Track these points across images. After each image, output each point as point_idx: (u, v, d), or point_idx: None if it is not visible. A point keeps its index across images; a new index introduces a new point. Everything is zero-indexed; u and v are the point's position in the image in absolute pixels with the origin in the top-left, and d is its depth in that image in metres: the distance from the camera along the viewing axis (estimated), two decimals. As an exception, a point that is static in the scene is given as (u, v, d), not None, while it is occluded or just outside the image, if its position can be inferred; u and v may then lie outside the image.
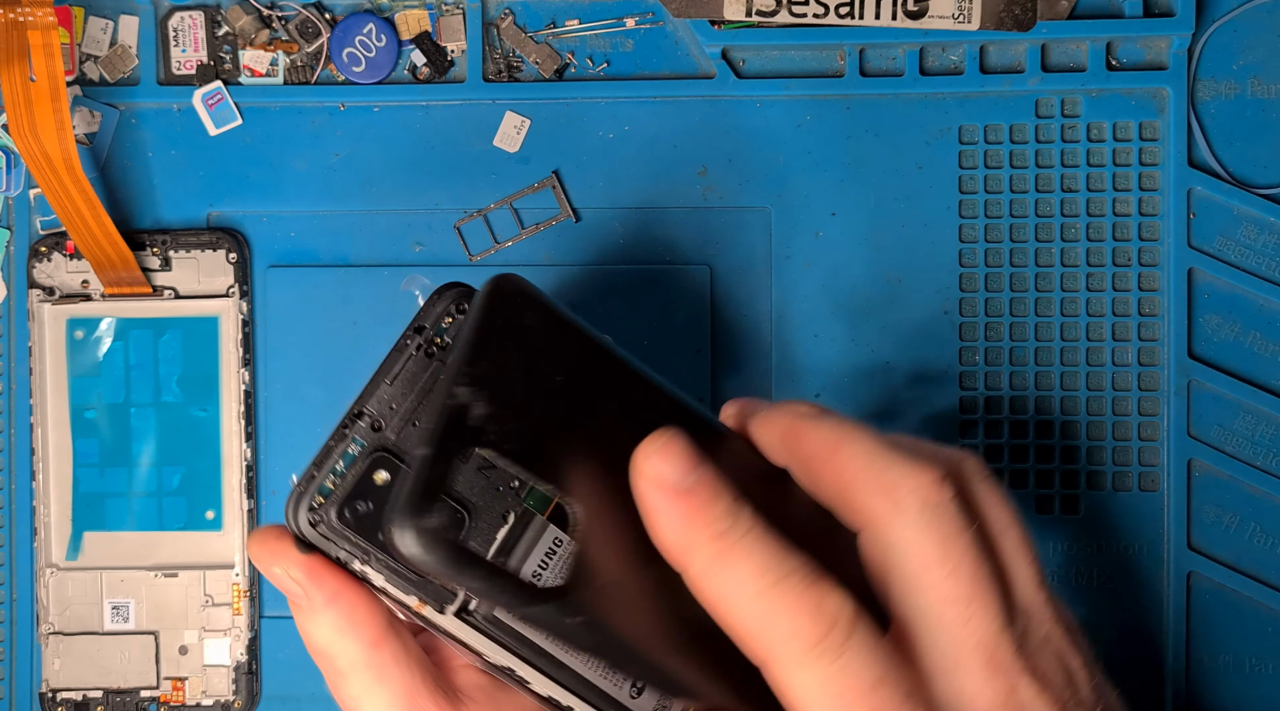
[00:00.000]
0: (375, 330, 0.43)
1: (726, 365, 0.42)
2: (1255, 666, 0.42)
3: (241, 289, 0.43)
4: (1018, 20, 0.41)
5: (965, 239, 0.42)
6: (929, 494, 0.28)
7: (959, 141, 0.42)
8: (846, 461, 0.29)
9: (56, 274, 0.43)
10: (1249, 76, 0.42)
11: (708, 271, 0.42)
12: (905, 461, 0.28)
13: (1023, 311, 0.42)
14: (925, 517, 0.28)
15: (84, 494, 0.43)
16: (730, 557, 0.27)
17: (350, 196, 0.43)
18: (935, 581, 0.28)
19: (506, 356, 0.28)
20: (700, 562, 0.27)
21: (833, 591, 0.27)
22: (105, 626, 0.43)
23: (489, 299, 0.29)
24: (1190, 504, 0.42)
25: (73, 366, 0.43)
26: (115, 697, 0.43)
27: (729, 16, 0.41)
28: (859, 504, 0.29)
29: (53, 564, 0.43)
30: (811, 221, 0.42)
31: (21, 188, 0.43)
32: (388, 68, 0.43)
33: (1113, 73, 0.42)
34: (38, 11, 0.39)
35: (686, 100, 0.42)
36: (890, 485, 0.28)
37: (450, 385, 0.28)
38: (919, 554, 0.28)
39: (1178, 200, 0.42)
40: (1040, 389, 0.42)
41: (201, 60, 0.43)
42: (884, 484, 0.28)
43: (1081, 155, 0.42)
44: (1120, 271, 0.42)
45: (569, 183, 0.43)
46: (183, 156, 0.43)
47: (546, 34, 0.43)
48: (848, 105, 0.42)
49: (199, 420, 0.43)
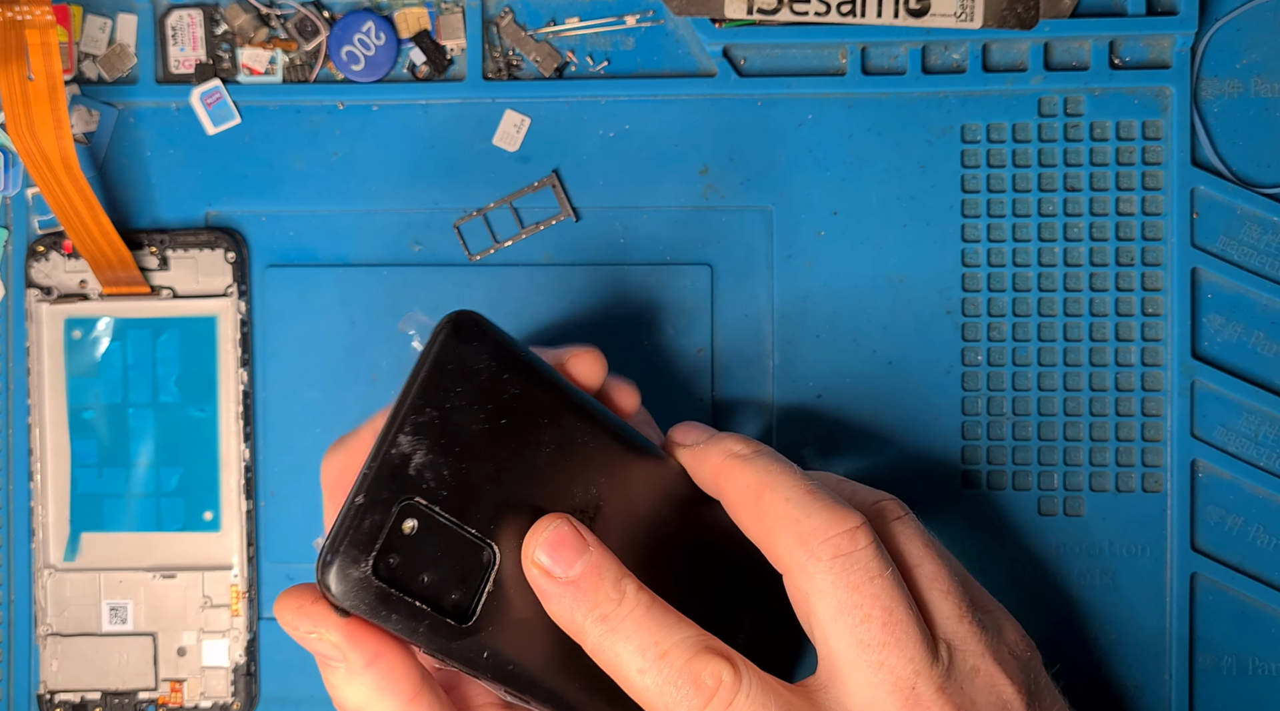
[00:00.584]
0: (374, 330, 0.43)
1: (727, 365, 0.42)
2: (1258, 668, 0.42)
3: (240, 288, 0.43)
4: (1020, 18, 0.41)
5: (968, 238, 0.42)
6: (842, 543, 0.30)
7: (962, 140, 0.42)
8: (768, 508, 0.31)
9: (54, 273, 0.43)
10: (1252, 75, 0.42)
11: (708, 271, 0.42)
12: (821, 510, 0.30)
13: (1025, 311, 0.42)
14: (838, 566, 0.30)
15: (82, 494, 0.43)
16: (615, 637, 0.29)
17: (349, 195, 0.43)
18: (849, 627, 0.30)
19: (453, 402, 0.29)
20: (591, 640, 0.30)
21: (712, 660, 0.29)
22: (103, 628, 0.43)
23: (442, 343, 0.30)
24: (1193, 505, 0.42)
25: (70, 366, 0.43)
26: (113, 699, 0.43)
27: (730, 15, 0.41)
28: (778, 551, 0.31)
29: (50, 565, 0.43)
30: (813, 220, 0.42)
31: (19, 187, 0.43)
32: (387, 66, 0.43)
33: (1116, 71, 0.42)
34: (35, 10, 0.39)
35: (687, 99, 0.42)
36: (806, 534, 0.30)
37: (392, 432, 0.29)
38: (833, 601, 0.30)
39: (1181, 199, 0.42)
40: (1043, 389, 0.42)
41: (200, 59, 0.43)
42: (801, 533, 0.30)
43: (1084, 154, 0.42)
44: (1123, 271, 0.42)
45: (569, 182, 0.43)
46: (181, 155, 0.43)
47: (546, 32, 0.43)
48: (850, 104, 0.42)
49: (197, 420, 0.43)
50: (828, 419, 0.42)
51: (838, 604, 0.30)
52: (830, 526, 0.30)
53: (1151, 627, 0.42)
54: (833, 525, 0.30)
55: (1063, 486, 0.42)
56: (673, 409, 0.42)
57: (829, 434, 0.42)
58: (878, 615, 0.30)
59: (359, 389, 0.43)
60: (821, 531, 0.30)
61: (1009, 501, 0.42)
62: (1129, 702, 0.42)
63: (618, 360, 0.42)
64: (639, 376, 0.42)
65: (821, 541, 0.30)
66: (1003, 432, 0.42)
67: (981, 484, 0.42)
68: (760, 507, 0.31)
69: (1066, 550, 0.42)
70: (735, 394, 0.42)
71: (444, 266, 0.43)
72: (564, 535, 0.29)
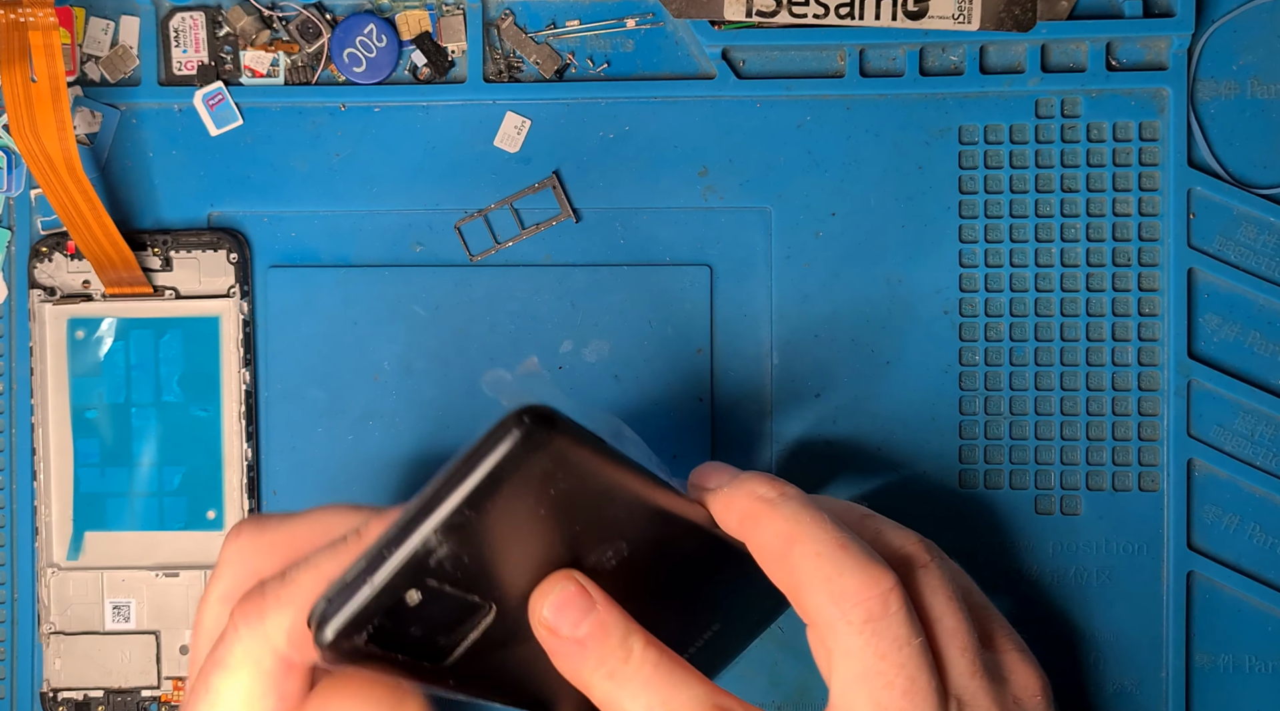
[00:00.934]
0: (376, 330, 0.43)
1: (727, 365, 0.42)
2: (1255, 666, 0.42)
3: (242, 289, 0.43)
4: (1017, 20, 0.41)
5: (965, 239, 0.42)
6: (874, 607, 0.30)
7: (959, 142, 0.42)
8: (799, 561, 0.30)
9: (57, 274, 0.43)
10: (1249, 77, 0.42)
11: (708, 271, 0.42)
12: (855, 569, 0.30)
13: (1023, 311, 0.42)
14: (869, 631, 0.30)
15: (85, 494, 0.43)
16: (623, 693, 0.29)
17: (351, 197, 0.43)
18: (870, 691, 0.30)
19: (497, 505, 0.27)
20: (598, 694, 0.29)
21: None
22: (106, 626, 0.43)
23: (506, 454, 0.26)
24: (1190, 504, 0.42)
25: (73, 366, 0.43)
26: (116, 697, 0.43)
27: (729, 17, 0.41)
28: (808, 605, 0.30)
29: (54, 563, 0.43)
30: (812, 221, 0.42)
31: (22, 188, 0.43)
32: (388, 68, 0.43)
33: (1113, 73, 0.42)
34: (39, 12, 0.39)
35: (687, 100, 0.42)
36: (839, 594, 0.30)
37: (423, 530, 0.27)
38: (859, 665, 0.30)
39: (1178, 200, 0.42)
40: (1040, 389, 0.42)
41: (202, 61, 0.43)
42: (833, 592, 0.30)
43: (1081, 155, 0.42)
44: (1120, 271, 0.42)
45: (569, 183, 0.43)
46: (183, 157, 0.43)
47: (547, 34, 0.43)
48: (848, 105, 0.42)
49: (200, 420, 0.43)
50: (826, 419, 0.42)
51: (863, 669, 0.30)
52: (864, 588, 0.30)
53: (1148, 626, 0.42)
54: (866, 587, 0.30)
55: (1060, 485, 0.42)
56: (673, 409, 0.42)
57: (827, 434, 0.42)
58: (900, 683, 0.29)
59: (361, 388, 0.43)
60: (854, 593, 0.30)
61: (1006, 500, 0.42)
62: (1126, 701, 0.42)
63: (618, 360, 0.42)
64: (639, 376, 0.42)
65: (854, 603, 0.30)
66: (1000, 432, 0.42)
67: (979, 483, 0.42)
68: (790, 560, 0.30)
69: (1063, 549, 0.42)
70: (734, 394, 0.42)
71: (445, 267, 0.43)
72: (570, 595, 0.29)
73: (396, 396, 0.43)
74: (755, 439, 0.42)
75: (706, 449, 0.42)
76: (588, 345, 0.42)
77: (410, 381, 0.43)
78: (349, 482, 0.43)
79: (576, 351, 0.42)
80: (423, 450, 0.43)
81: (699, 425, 0.42)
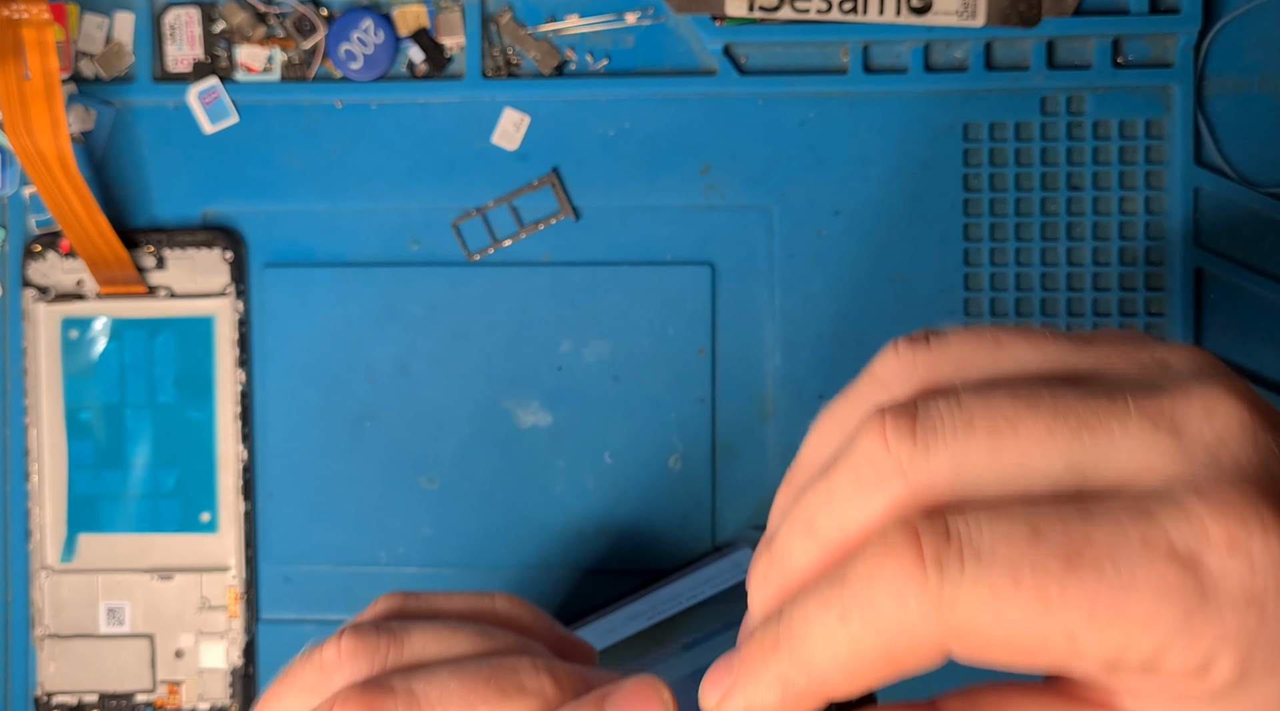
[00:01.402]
0: (372, 329, 0.42)
1: (728, 365, 0.42)
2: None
3: (237, 288, 0.42)
4: (1023, 16, 0.40)
5: (970, 237, 0.42)
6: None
7: (964, 138, 0.42)
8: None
9: (51, 273, 0.43)
10: (1256, 73, 0.42)
11: (709, 270, 0.42)
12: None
13: (1029, 311, 0.42)
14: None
15: (79, 495, 0.43)
16: None
17: (347, 194, 0.43)
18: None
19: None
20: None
21: None
22: (100, 629, 0.43)
23: None
24: (1198, 505, 0.41)
25: (67, 367, 0.43)
26: (110, 701, 0.42)
27: (731, 12, 0.41)
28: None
29: (47, 566, 0.43)
30: (815, 219, 0.42)
31: (16, 186, 0.43)
32: (385, 64, 0.42)
33: (1119, 69, 0.41)
34: (32, 8, 0.38)
35: (688, 97, 0.42)
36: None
37: None
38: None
39: (1185, 198, 0.41)
40: (1046, 389, 0.42)
41: (197, 57, 0.43)
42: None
43: (1088, 153, 0.42)
44: (1127, 271, 0.42)
45: (569, 180, 0.42)
46: (178, 154, 0.43)
47: (546, 30, 0.42)
48: (851, 102, 0.42)
49: (194, 421, 0.43)
50: (829, 419, 0.42)
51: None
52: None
53: (1155, 629, 0.41)
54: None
55: (1066, 487, 0.42)
56: (672, 409, 0.42)
57: (830, 434, 0.42)
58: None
59: (357, 388, 0.43)
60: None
61: (1012, 502, 0.42)
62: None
63: (618, 360, 0.42)
64: (639, 377, 0.42)
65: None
66: (1005, 433, 0.42)
67: (984, 484, 0.42)
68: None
69: (1070, 551, 0.42)
70: (736, 395, 0.42)
71: (442, 266, 0.42)
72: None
73: (393, 397, 0.42)
74: (756, 441, 0.42)
75: (707, 449, 0.42)
76: (587, 345, 0.42)
77: (407, 382, 0.42)
78: (346, 485, 0.42)
79: (576, 351, 0.42)
80: (421, 451, 0.42)
81: (699, 426, 0.42)
